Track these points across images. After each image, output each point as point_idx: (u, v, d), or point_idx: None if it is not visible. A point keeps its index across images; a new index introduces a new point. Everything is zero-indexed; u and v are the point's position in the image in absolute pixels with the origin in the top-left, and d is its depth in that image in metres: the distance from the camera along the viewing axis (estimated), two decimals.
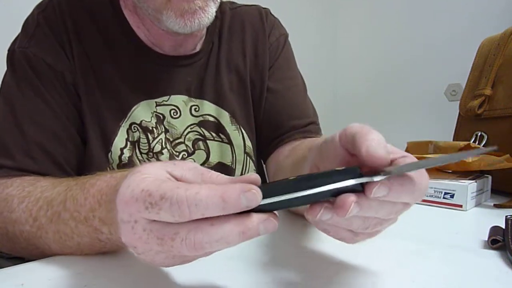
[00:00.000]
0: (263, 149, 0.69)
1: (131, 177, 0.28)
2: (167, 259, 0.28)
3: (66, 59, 0.56)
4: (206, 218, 0.25)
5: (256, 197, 0.25)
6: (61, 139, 0.55)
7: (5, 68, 0.57)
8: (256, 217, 0.26)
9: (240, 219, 0.25)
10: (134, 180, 0.27)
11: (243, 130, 0.66)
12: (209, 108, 0.64)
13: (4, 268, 0.38)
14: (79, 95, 0.57)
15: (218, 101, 0.65)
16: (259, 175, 0.78)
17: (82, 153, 0.58)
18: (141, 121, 0.60)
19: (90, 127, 0.57)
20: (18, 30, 0.59)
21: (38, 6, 0.58)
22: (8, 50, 0.57)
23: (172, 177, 0.29)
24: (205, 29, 0.64)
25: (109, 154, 0.58)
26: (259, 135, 0.69)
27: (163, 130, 0.61)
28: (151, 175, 0.28)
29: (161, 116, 0.61)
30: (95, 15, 0.59)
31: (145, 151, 0.60)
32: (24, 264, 0.40)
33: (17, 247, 0.46)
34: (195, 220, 0.25)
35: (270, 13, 0.73)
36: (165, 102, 0.61)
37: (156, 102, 0.61)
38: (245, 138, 0.67)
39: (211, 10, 0.53)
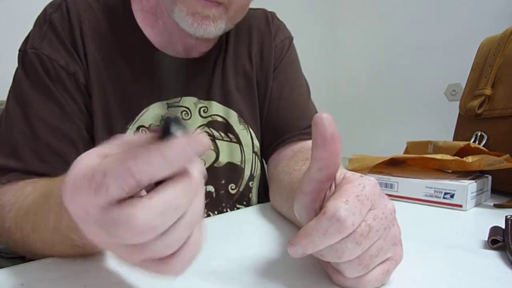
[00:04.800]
0: (265, 149, 0.69)
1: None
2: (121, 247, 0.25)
3: (79, 60, 0.56)
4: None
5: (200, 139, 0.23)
6: (73, 141, 0.55)
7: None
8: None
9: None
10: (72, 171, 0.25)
11: (251, 130, 0.67)
12: (217, 109, 0.64)
13: (4, 268, 0.38)
14: (90, 96, 0.57)
15: (226, 102, 0.65)
16: (263, 175, 0.77)
17: None
18: (150, 125, 0.59)
19: (99, 129, 0.57)
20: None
21: (50, 5, 0.58)
22: (20, 50, 0.57)
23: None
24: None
25: None
26: (262, 136, 0.69)
27: None
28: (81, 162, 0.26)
29: None
30: (107, 16, 0.59)
31: None
32: (24, 264, 0.40)
33: (20, 251, 0.46)
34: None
35: (276, 16, 0.74)
36: (176, 104, 0.62)
37: (168, 103, 0.61)
38: (253, 138, 0.67)
39: (221, 25, 0.53)
